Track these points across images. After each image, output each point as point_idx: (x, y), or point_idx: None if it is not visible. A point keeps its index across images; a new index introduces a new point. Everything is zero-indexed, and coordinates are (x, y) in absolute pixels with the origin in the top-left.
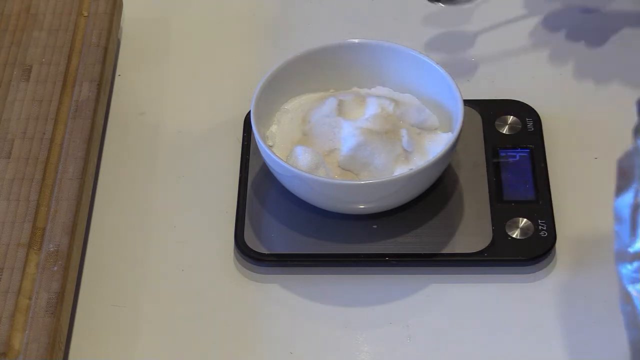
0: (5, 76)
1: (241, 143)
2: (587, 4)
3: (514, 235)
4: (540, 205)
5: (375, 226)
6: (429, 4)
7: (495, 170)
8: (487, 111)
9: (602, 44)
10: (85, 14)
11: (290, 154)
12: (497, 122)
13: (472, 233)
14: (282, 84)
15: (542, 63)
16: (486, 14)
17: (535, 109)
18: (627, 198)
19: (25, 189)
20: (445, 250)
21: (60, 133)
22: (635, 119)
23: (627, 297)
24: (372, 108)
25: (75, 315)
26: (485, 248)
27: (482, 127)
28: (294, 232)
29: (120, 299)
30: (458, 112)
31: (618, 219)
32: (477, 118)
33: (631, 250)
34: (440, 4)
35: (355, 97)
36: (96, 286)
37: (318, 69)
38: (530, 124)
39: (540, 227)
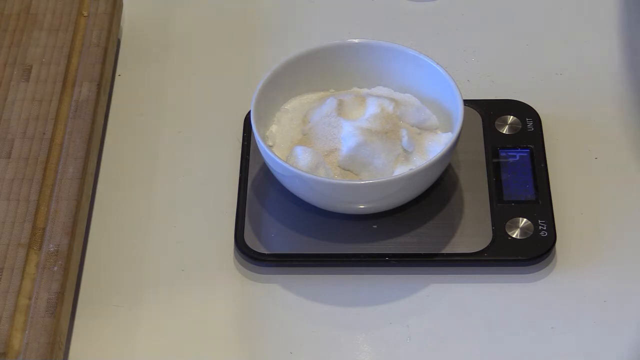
0: (5, 76)
1: (241, 143)
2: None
3: (514, 235)
4: (540, 205)
5: (375, 226)
6: (430, 3)
7: (495, 170)
8: (487, 111)
9: (602, 43)
10: (85, 14)
11: (290, 154)
12: (497, 122)
13: (472, 233)
14: (282, 84)
15: (542, 63)
16: (486, 14)
17: (535, 109)
18: None
19: (25, 189)
20: (445, 250)
21: (60, 133)
22: None
23: None
24: (372, 108)
25: (75, 315)
26: (485, 248)
27: (482, 127)
28: (294, 232)
29: (120, 299)
30: (458, 112)
31: None
32: (477, 118)
33: None
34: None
35: (355, 97)
36: (96, 286)
37: (318, 69)
38: (530, 124)
39: (540, 227)
